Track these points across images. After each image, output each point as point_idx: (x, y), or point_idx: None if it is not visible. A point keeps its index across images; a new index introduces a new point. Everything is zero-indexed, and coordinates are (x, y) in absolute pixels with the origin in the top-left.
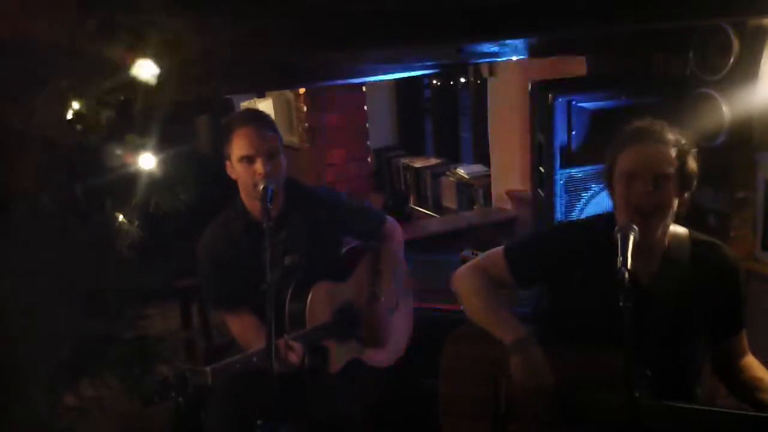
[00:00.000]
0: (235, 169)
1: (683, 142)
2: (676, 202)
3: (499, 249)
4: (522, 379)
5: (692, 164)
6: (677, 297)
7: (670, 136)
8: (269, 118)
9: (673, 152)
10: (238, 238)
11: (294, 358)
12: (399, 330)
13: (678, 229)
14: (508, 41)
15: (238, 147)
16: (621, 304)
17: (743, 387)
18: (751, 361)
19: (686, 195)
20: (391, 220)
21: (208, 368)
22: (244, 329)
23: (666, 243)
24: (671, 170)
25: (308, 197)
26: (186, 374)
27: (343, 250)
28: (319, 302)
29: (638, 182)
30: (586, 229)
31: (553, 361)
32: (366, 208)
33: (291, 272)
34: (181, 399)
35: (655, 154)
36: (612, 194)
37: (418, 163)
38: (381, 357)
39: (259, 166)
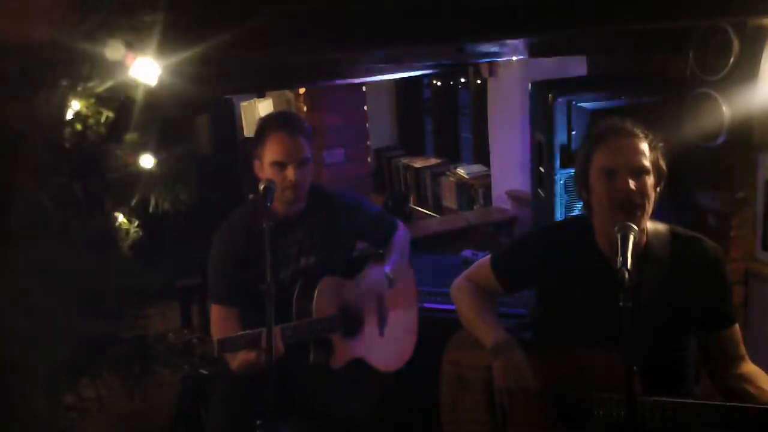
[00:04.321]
0: (265, 171)
1: (652, 137)
2: (653, 196)
3: (487, 259)
4: (503, 382)
5: (663, 160)
6: (659, 291)
7: (640, 131)
8: (303, 124)
9: (646, 146)
10: (256, 236)
11: (278, 346)
12: (403, 334)
13: (658, 225)
14: (508, 41)
15: (272, 152)
16: (621, 303)
17: (751, 401)
18: (755, 372)
19: (658, 190)
20: (402, 227)
21: (214, 338)
22: (224, 328)
23: (644, 239)
24: (648, 164)
25: (329, 201)
26: (193, 341)
27: (354, 252)
28: (326, 295)
29: (619, 177)
30: (563, 232)
31: (544, 362)
32: (382, 215)
33: (303, 272)
34: (186, 366)
35: (632, 148)
36: (587, 194)
37: (418, 163)
38: (385, 360)
39: (290, 173)
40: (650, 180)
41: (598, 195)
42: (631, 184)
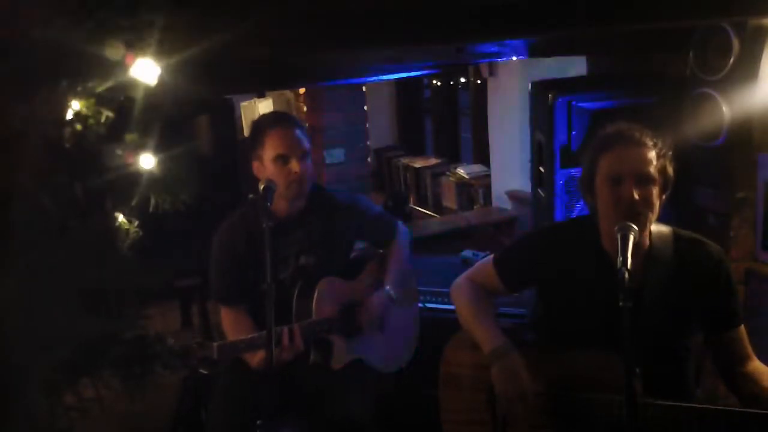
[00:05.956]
0: (267, 169)
1: (660, 144)
2: (658, 203)
3: (489, 258)
4: (500, 388)
5: (670, 166)
6: (662, 294)
7: (648, 139)
8: (297, 120)
9: (654, 154)
10: (256, 236)
11: (297, 343)
12: (403, 335)
13: (661, 228)
14: (508, 41)
15: (273, 147)
16: (621, 303)
17: (757, 399)
18: (761, 370)
19: (664, 197)
20: (402, 227)
21: (214, 343)
22: (238, 327)
23: (648, 241)
24: (654, 172)
25: (329, 201)
26: (192, 345)
27: (354, 253)
28: (326, 296)
29: (624, 185)
30: (568, 233)
31: (545, 363)
32: (381, 216)
33: (303, 272)
34: (185, 371)
35: (639, 156)
36: (592, 199)
37: (418, 163)
38: (385, 360)
39: (294, 164)
40: (655, 189)
41: (603, 201)
42: (636, 193)
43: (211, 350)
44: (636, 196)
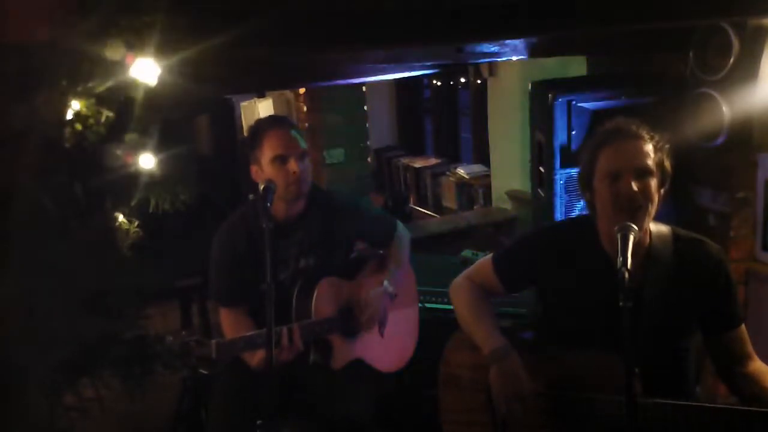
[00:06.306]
0: (265, 171)
1: (658, 138)
2: (657, 196)
3: (488, 258)
4: (499, 390)
5: (668, 161)
6: (661, 293)
7: (645, 132)
8: (293, 122)
9: (651, 147)
10: (256, 237)
11: (297, 343)
12: (403, 335)
13: (660, 227)
14: (508, 41)
15: (271, 148)
16: (621, 303)
17: (759, 400)
18: (762, 371)
19: (662, 191)
20: (401, 227)
21: (212, 341)
22: (238, 328)
23: (648, 240)
24: (652, 165)
25: (328, 202)
26: (190, 343)
27: (353, 253)
28: (326, 296)
29: (622, 179)
30: (567, 232)
31: (544, 363)
32: (381, 216)
33: (303, 273)
34: (185, 370)
35: (636, 150)
36: (591, 197)
37: (418, 163)
38: (385, 360)
39: (292, 165)
40: (653, 182)
41: (602, 197)
42: (634, 185)
43: (210, 348)
44: (635, 189)
